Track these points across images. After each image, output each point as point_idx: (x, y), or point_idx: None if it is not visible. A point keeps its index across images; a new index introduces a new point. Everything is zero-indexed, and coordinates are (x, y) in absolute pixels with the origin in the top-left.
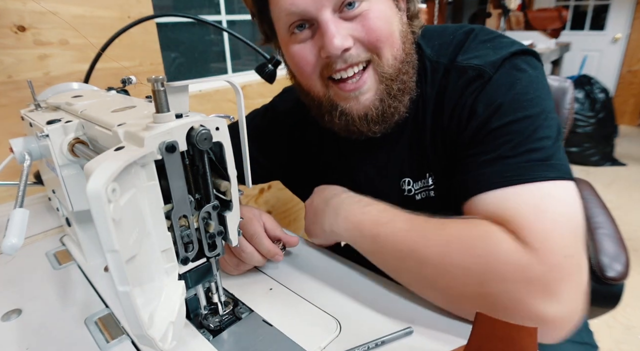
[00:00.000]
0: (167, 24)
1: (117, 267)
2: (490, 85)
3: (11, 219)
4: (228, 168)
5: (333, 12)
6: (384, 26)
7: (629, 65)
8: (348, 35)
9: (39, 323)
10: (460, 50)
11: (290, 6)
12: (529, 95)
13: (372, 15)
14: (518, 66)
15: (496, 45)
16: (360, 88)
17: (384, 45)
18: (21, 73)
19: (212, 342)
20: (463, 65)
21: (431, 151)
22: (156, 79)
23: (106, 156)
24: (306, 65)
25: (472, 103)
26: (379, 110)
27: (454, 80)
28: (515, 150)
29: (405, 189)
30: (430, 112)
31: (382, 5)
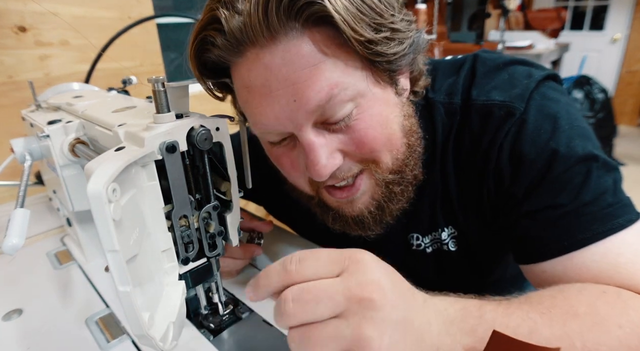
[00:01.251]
0: (168, 24)
1: (117, 267)
2: (529, 124)
3: (12, 219)
4: (228, 168)
5: (315, 127)
6: (379, 133)
7: (628, 66)
8: (336, 151)
9: (39, 323)
10: (473, 84)
11: (261, 119)
12: (575, 129)
13: (362, 125)
14: (548, 95)
15: (512, 71)
16: (354, 195)
17: (381, 154)
18: (22, 73)
19: (212, 342)
20: (484, 103)
21: (457, 201)
22: (156, 80)
23: (107, 156)
24: (291, 170)
25: (513, 147)
26: (377, 217)
27: (477, 121)
28: (590, 195)
29: (413, 243)
30: (452, 160)
31: (374, 108)
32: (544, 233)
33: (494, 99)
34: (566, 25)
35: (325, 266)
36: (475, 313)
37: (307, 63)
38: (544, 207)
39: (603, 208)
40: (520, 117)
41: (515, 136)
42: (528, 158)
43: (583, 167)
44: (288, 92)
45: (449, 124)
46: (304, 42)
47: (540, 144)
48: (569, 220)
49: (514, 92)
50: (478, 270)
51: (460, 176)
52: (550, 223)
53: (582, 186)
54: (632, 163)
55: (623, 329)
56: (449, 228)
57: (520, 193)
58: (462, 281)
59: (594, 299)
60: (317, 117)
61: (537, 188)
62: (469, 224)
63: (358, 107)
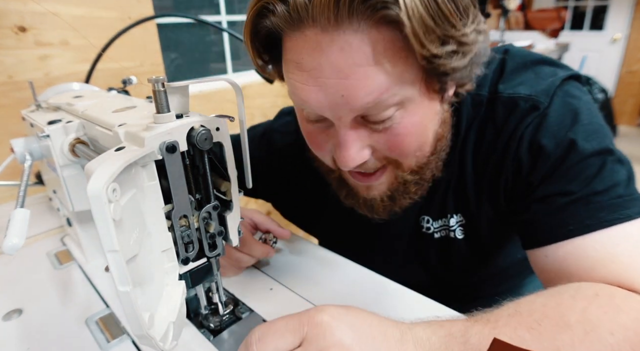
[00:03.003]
0: (168, 24)
1: (117, 267)
2: (550, 117)
3: (12, 219)
4: (228, 168)
5: (355, 121)
6: (414, 141)
7: (628, 66)
8: (366, 146)
9: (39, 323)
10: (501, 78)
11: (305, 99)
12: (594, 125)
13: (401, 131)
14: (571, 93)
15: (538, 69)
16: (372, 183)
17: (407, 159)
18: (22, 73)
19: (212, 342)
20: (510, 96)
21: (472, 190)
22: (156, 80)
23: (107, 156)
24: (320, 148)
25: (534, 138)
26: (387, 206)
27: (502, 112)
28: (602, 186)
29: (423, 226)
30: (471, 149)
31: (418, 115)
32: (551, 218)
33: (520, 93)
34: (566, 25)
35: (285, 339)
36: (460, 339)
37: (365, 61)
38: (556, 193)
39: (612, 199)
40: (543, 110)
41: (537, 128)
42: (547, 149)
43: (598, 159)
44: (338, 85)
45: (473, 114)
46: (368, 39)
47: (560, 136)
48: (577, 206)
49: (539, 88)
50: (482, 260)
51: (478, 165)
52: (559, 208)
53: (595, 176)
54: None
55: (615, 336)
56: (458, 215)
57: (536, 181)
58: (466, 270)
59: (587, 304)
60: (359, 114)
61: (551, 176)
62: (480, 213)
63: (401, 111)
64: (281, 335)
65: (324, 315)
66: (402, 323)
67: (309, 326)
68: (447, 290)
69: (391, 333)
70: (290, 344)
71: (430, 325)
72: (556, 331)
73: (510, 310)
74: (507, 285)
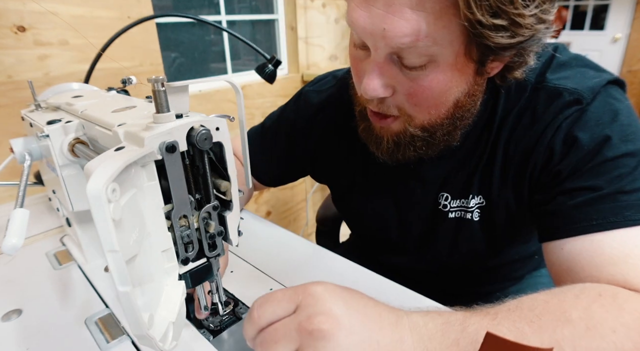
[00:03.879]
0: (167, 24)
1: (117, 267)
2: (590, 112)
3: (11, 219)
4: (228, 168)
5: (390, 54)
6: (433, 97)
7: (628, 65)
8: (390, 85)
9: (39, 323)
10: (549, 69)
11: (353, 21)
12: (632, 127)
13: (426, 84)
14: (614, 95)
15: (583, 70)
16: (383, 127)
17: (421, 113)
18: (21, 73)
19: (212, 342)
20: (556, 86)
21: (499, 173)
22: (156, 79)
23: (106, 156)
24: (355, 72)
25: (570, 129)
26: (391, 149)
27: (544, 100)
28: (632, 186)
29: (441, 203)
30: (506, 132)
31: (447, 74)
32: (576, 211)
33: (566, 85)
34: (567, 24)
35: (281, 307)
36: (458, 327)
37: (415, 5)
38: (584, 187)
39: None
40: (585, 105)
41: (575, 121)
42: (581, 141)
43: (632, 160)
44: (384, 17)
45: (515, 98)
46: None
47: (597, 131)
48: (603, 202)
49: (585, 85)
50: (492, 246)
51: (509, 149)
52: (586, 202)
53: (627, 176)
54: None
55: (617, 333)
56: (479, 197)
57: (566, 172)
58: (472, 256)
59: (590, 302)
60: (394, 52)
61: (582, 169)
62: (500, 198)
63: (433, 66)
64: (278, 302)
65: (318, 287)
66: (399, 309)
67: (303, 295)
68: (450, 280)
69: (386, 316)
70: (286, 310)
71: (429, 313)
72: (557, 325)
73: (511, 305)
74: (507, 282)
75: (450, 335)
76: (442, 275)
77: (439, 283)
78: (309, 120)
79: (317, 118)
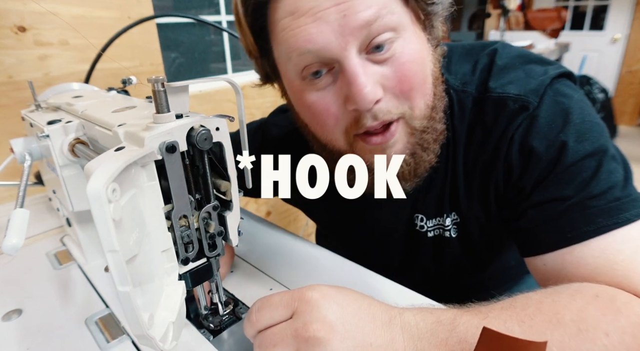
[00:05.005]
0: (167, 24)
1: (117, 267)
2: (541, 118)
3: (12, 219)
4: (228, 168)
5: (359, 52)
6: (418, 71)
7: (628, 66)
8: (378, 83)
9: (39, 323)
10: (490, 77)
11: (305, 44)
12: (586, 123)
13: (406, 58)
14: (562, 92)
15: (528, 68)
16: (388, 141)
17: (417, 95)
18: (22, 73)
19: (212, 342)
20: (500, 96)
21: (463, 189)
22: (156, 80)
23: (106, 156)
24: (328, 118)
25: (524, 139)
26: (411, 166)
27: (490, 112)
28: (598, 189)
29: (417, 224)
30: (462, 149)
31: (415, 44)
32: (548, 225)
33: (509, 92)
34: (566, 25)
35: (278, 312)
36: (448, 326)
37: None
38: (551, 198)
39: (610, 202)
40: (533, 111)
41: (527, 129)
42: (538, 151)
43: (592, 161)
44: (338, 8)
45: (460, 112)
46: None
47: (551, 137)
48: (574, 212)
49: (529, 87)
50: (476, 260)
51: (468, 164)
52: (556, 215)
53: (591, 179)
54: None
55: (610, 337)
56: (453, 214)
57: (529, 186)
58: (459, 273)
59: (585, 304)
60: (362, 38)
61: (545, 180)
62: (470, 213)
63: (400, 40)
64: (275, 307)
65: (314, 293)
66: (393, 308)
67: (299, 302)
68: (440, 294)
69: (379, 316)
70: (283, 316)
71: (421, 311)
72: (548, 327)
73: (505, 303)
74: (501, 290)
75: (439, 334)
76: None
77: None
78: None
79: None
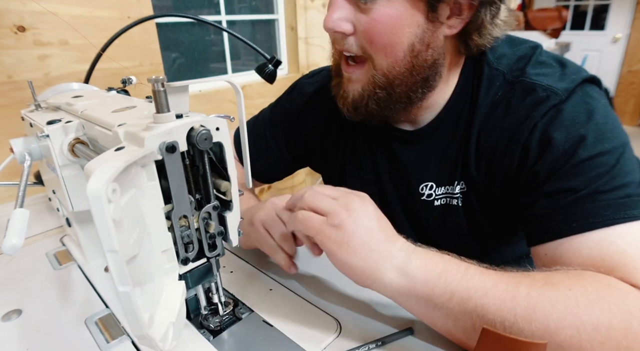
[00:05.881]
0: (167, 24)
1: (117, 267)
2: (566, 112)
3: (11, 219)
4: (228, 168)
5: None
6: (385, 33)
7: (629, 65)
8: (349, 21)
9: (39, 323)
10: (527, 64)
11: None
12: (609, 125)
13: (378, 17)
14: (590, 94)
15: (564, 68)
16: (351, 75)
17: (378, 53)
18: (21, 73)
19: (212, 342)
20: (532, 81)
21: (474, 160)
22: (156, 79)
23: (106, 156)
24: None
25: (546, 129)
26: (356, 102)
27: (519, 95)
28: (611, 184)
29: (424, 193)
30: (480, 120)
31: (396, 11)
32: (556, 214)
33: (541, 81)
34: (567, 24)
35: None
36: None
37: None
38: (563, 189)
39: (620, 197)
40: (559, 103)
41: (550, 120)
42: (557, 142)
43: (610, 158)
44: None
45: (494, 89)
46: None
47: (572, 131)
48: (584, 203)
49: (561, 83)
50: (479, 237)
51: (481, 139)
52: (565, 205)
53: (605, 175)
54: None
55: (573, 291)
56: (462, 183)
57: (544, 173)
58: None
59: (555, 272)
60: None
61: (559, 171)
62: (477, 184)
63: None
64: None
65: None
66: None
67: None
68: None
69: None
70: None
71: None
72: (520, 277)
73: (497, 270)
74: None
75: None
76: None
77: None
78: (302, 109)
79: (310, 107)
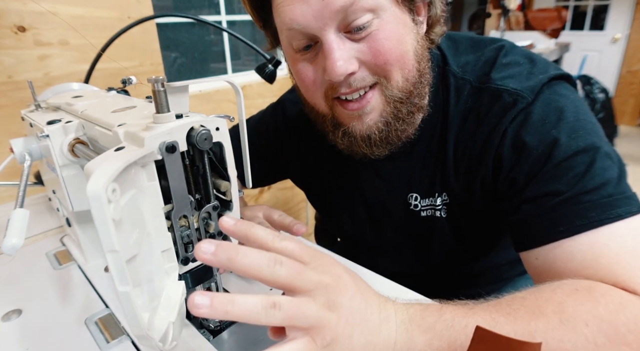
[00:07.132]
0: (167, 24)
1: (117, 267)
2: (535, 114)
3: (11, 219)
4: (228, 168)
5: (338, 31)
6: (395, 47)
7: (628, 66)
8: (353, 58)
9: (39, 323)
10: (492, 69)
11: (291, 22)
12: (580, 122)
13: (382, 35)
14: (558, 92)
15: (530, 67)
16: (364, 108)
17: (393, 68)
18: (21, 73)
19: (212, 342)
20: (497, 87)
21: (452, 171)
22: (156, 80)
23: (106, 156)
24: (310, 84)
25: (516, 134)
26: (383, 134)
27: (487, 103)
28: (591, 184)
29: (411, 203)
30: (454, 132)
31: (393, 23)
32: (541, 219)
33: (507, 86)
34: (566, 25)
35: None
36: (435, 313)
37: None
38: (544, 193)
39: (603, 197)
40: (527, 106)
41: (520, 124)
42: (530, 146)
43: (585, 157)
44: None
45: (461, 98)
46: None
47: (543, 133)
48: (567, 206)
49: (527, 84)
50: (464, 246)
51: (458, 150)
52: (549, 209)
53: (584, 175)
54: (632, 163)
55: (589, 327)
56: (443, 195)
57: (522, 179)
58: (450, 260)
59: (565, 297)
60: (340, 20)
61: (537, 175)
62: (458, 195)
63: (378, 19)
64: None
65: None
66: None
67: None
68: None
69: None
70: None
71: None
72: (531, 318)
73: (490, 301)
74: (490, 288)
75: (428, 319)
76: (425, 278)
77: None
78: (285, 129)
79: (291, 127)
